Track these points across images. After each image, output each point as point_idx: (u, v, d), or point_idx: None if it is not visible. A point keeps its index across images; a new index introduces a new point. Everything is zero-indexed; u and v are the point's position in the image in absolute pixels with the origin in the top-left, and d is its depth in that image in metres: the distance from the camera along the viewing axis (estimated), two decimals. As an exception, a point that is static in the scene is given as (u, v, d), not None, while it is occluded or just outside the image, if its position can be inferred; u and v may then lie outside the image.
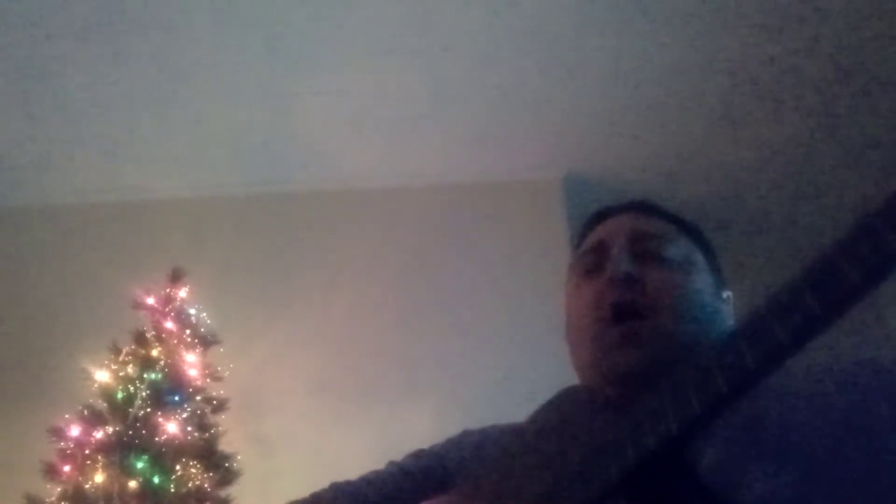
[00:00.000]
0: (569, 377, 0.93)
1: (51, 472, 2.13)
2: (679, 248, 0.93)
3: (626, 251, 0.90)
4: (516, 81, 2.85)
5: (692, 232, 1.00)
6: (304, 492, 0.96)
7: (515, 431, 0.88)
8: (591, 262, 0.94)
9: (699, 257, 0.95)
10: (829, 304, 0.56)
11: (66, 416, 2.23)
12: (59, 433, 2.18)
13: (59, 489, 2.10)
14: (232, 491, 2.26)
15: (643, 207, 1.02)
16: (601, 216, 1.03)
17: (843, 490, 0.66)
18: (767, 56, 2.76)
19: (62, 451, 2.16)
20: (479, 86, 2.86)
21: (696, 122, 3.06)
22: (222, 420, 2.38)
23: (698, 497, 0.67)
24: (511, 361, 2.74)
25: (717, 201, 3.48)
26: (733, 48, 2.72)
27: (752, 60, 2.77)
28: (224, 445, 2.32)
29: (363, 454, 2.55)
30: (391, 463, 0.97)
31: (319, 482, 0.97)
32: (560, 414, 0.84)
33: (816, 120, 3.04)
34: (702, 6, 2.56)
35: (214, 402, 2.37)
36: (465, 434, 0.99)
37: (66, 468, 2.13)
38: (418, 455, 0.98)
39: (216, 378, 2.42)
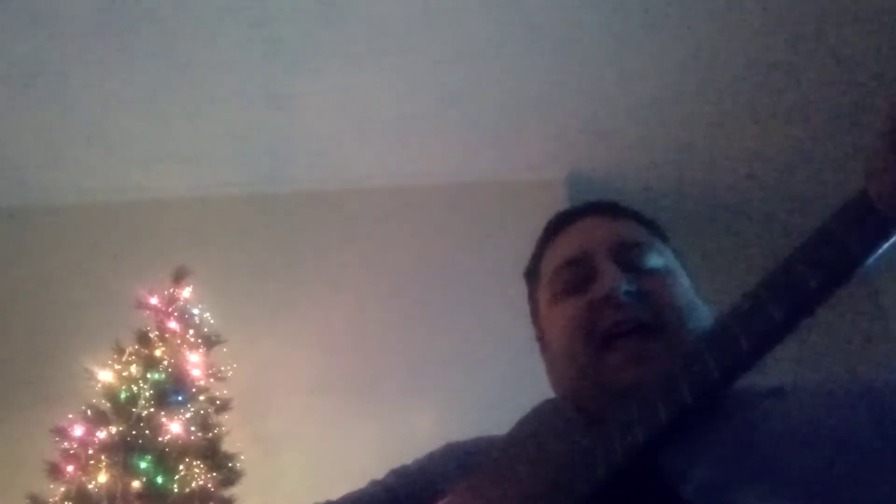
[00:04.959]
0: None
1: (54, 471, 2.13)
2: (660, 254, 0.90)
3: (614, 264, 0.85)
4: (519, 81, 2.84)
5: (657, 229, 0.96)
6: (307, 491, 0.96)
7: (494, 445, 0.86)
8: (571, 276, 0.88)
9: (674, 258, 0.92)
10: (789, 310, 0.56)
11: (70, 415, 2.23)
12: (62, 433, 2.19)
13: (62, 489, 2.11)
14: (235, 491, 2.26)
15: (610, 209, 0.96)
16: (564, 220, 0.96)
17: None
18: (769, 56, 2.75)
19: (66, 450, 2.17)
20: (482, 86, 2.86)
21: (698, 122, 3.05)
22: (226, 420, 2.38)
23: None
24: (513, 361, 2.73)
25: (718, 200, 3.48)
26: (735, 49, 2.72)
27: (753, 61, 2.77)
28: (227, 445, 2.32)
29: (366, 454, 2.56)
30: (373, 482, 0.96)
31: (322, 481, 0.97)
32: (536, 428, 0.83)
33: (818, 120, 3.03)
34: (703, 8, 2.56)
35: (218, 401, 2.37)
36: (448, 448, 0.97)
37: (70, 468, 2.13)
38: (400, 472, 0.95)
39: (219, 378, 2.42)
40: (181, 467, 2.18)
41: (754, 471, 0.68)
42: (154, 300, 2.43)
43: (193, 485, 2.17)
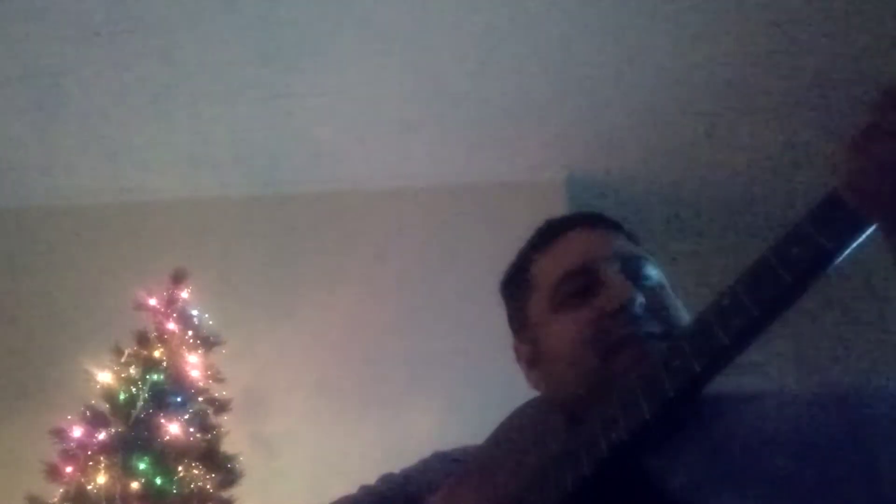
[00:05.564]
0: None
1: (53, 472, 2.13)
2: (654, 266, 0.90)
3: (623, 276, 0.85)
4: (519, 83, 2.84)
5: (640, 241, 0.96)
6: (306, 492, 0.96)
7: (480, 448, 0.87)
8: (575, 286, 0.87)
9: (660, 269, 0.92)
10: (765, 305, 0.58)
11: (69, 417, 2.23)
12: (61, 434, 2.19)
13: (61, 490, 2.11)
14: (234, 492, 2.26)
15: (602, 222, 0.96)
16: (556, 230, 0.96)
17: None
18: (767, 58, 2.75)
19: (64, 451, 2.17)
20: (482, 87, 2.86)
21: (698, 124, 3.05)
22: (224, 421, 2.38)
23: None
24: (512, 363, 2.74)
25: (717, 203, 3.48)
26: (733, 50, 2.72)
27: (752, 62, 2.77)
28: (226, 446, 2.32)
29: (365, 455, 2.56)
30: (363, 487, 0.97)
31: (321, 483, 0.97)
32: (520, 428, 0.83)
33: (817, 121, 3.03)
34: (703, 9, 2.56)
35: (217, 403, 2.37)
36: (436, 456, 0.98)
37: (69, 469, 2.13)
38: (389, 478, 0.97)
39: (218, 379, 2.42)
40: (180, 468, 2.18)
41: (733, 473, 0.70)
42: (153, 301, 2.43)
43: (192, 486, 2.17)
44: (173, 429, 2.22)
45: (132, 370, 2.29)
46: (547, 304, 0.90)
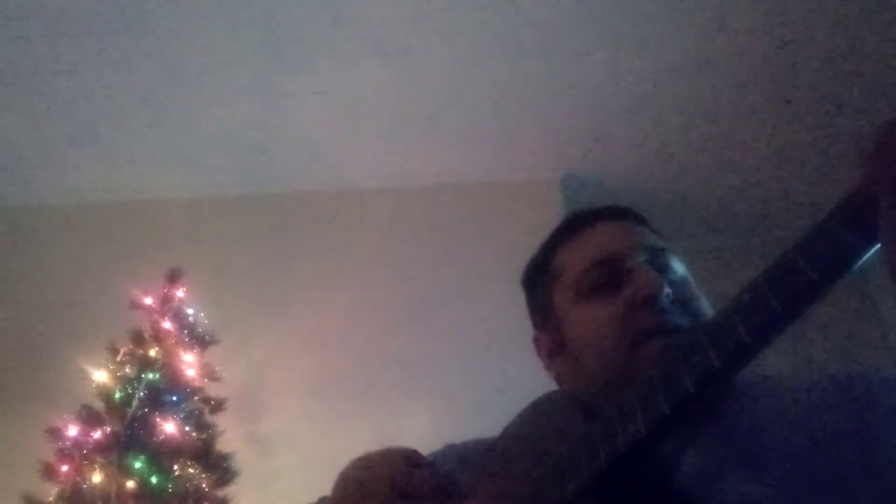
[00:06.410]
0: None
1: (49, 472, 2.13)
2: (680, 260, 0.91)
3: (650, 267, 0.85)
4: (514, 82, 2.85)
5: (661, 234, 0.97)
6: (302, 491, 0.96)
7: (496, 441, 0.87)
8: (602, 276, 0.88)
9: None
10: (788, 301, 0.57)
11: (64, 416, 2.23)
12: (56, 433, 2.18)
13: (56, 489, 2.10)
14: (230, 491, 2.26)
15: (630, 215, 0.97)
16: (583, 221, 0.96)
17: (817, 497, 0.67)
18: (764, 57, 2.76)
19: (60, 450, 2.16)
20: (477, 86, 2.86)
21: (693, 123, 3.06)
22: (220, 420, 2.38)
23: (670, 501, 0.69)
24: (508, 362, 2.74)
25: (713, 202, 3.49)
26: (730, 49, 2.73)
27: (748, 61, 2.78)
28: (222, 445, 2.32)
29: (360, 454, 2.54)
30: None
31: (317, 482, 0.97)
32: (537, 422, 0.83)
33: (815, 120, 3.04)
34: (698, 8, 2.56)
35: (212, 402, 2.37)
36: (449, 448, 0.98)
37: (64, 468, 2.13)
38: None
39: (214, 378, 2.42)
40: (175, 467, 2.18)
41: (742, 459, 0.71)
42: (148, 300, 2.43)
43: (188, 485, 2.17)
44: (169, 428, 2.22)
45: (128, 369, 2.29)
46: (573, 293, 0.90)
